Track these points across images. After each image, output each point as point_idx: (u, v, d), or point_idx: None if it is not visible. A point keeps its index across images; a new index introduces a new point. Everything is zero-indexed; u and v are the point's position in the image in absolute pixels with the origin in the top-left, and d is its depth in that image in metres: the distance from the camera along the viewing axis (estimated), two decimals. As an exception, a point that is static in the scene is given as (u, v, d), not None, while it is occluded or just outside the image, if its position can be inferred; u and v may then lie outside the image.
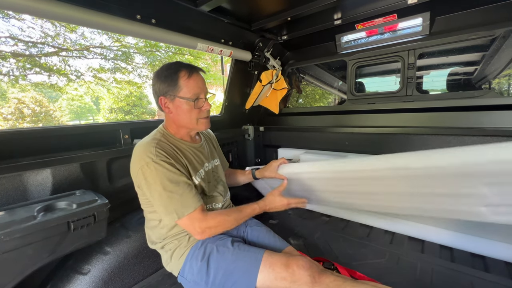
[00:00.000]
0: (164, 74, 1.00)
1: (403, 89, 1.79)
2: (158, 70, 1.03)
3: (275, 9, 1.63)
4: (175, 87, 0.99)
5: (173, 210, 0.92)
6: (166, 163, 0.94)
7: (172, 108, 1.03)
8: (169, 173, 0.93)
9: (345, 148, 2.02)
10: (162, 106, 1.03)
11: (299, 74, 2.65)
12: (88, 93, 14.86)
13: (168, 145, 1.01)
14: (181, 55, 10.73)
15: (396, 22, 1.70)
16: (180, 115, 1.03)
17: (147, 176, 0.93)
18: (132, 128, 1.54)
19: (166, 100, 1.01)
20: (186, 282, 1.02)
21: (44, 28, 7.99)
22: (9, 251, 0.86)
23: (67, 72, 9.09)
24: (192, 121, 1.05)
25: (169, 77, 0.99)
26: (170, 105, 1.02)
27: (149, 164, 0.92)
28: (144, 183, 0.94)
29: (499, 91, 1.70)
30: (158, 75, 1.01)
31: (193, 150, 1.12)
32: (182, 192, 0.93)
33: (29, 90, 11.62)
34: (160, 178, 0.92)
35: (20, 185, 1.11)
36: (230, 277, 0.92)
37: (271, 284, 0.88)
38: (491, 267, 1.28)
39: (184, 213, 0.93)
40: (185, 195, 0.94)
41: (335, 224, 1.85)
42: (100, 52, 9.58)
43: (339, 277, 0.87)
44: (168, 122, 1.10)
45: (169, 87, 0.99)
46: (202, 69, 1.07)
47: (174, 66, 1.01)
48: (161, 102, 1.02)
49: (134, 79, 11.51)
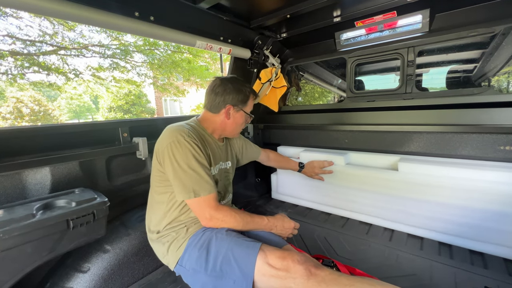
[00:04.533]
0: (239, 90, 1.20)
1: (403, 86, 1.79)
2: (230, 84, 1.19)
3: (274, 6, 1.62)
4: (245, 103, 1.23)
5: (191, 188, 1.00)
6: (195, 145, 1.04)
7: (232, 117, 1.22)
8: (196, 154, 1.03)
9: (345, 145, 2.02)
10: (225, 112, 1.19)
11: (298, 72, 2.64)
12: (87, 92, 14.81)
13: (198, 134, 1.13)
14: (180, 53, 10.68)
15: (396, 19, 1.69)
16: (233, 123, 1.24)
17: (175, 152, 1.01)
18: (131, 126, 1.53)
19: (233, 109, 1.20)
20: (185, 271, 1.03)
21: (42, 27, 7.94)
22: (8, 249, 0.86)
23: (66, 71, 9.05)
24: (238, 130, 1.30)
25: (242, 93, 1.21)
26: (232, 113, 1.21)
27: (180, 141, 1.02)
28: (169, 159, 1.02)
29: (499, 88, 1.69)
30: (233, 88, 1.19)
31: (217, 146, 1.26)
32: (204, 175, 1.02)
33: (28, 89, 11.58)
34: (187, 156, 1.01)
35: (19, 183, 1.11)
36: (228, 263, 0.93)
37: (267, 275, 0.88)
38: (490, 264, 1.29)
39: (201, 194, 1.00)
40: (206, 178, 1.03)
41: (335, 221, 1.85)
42: (99, 51, 9.53)
43: (335, 271, 0.87)
44: (209, 121, 1.23)
45: (241, 102, 1.21)
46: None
47: (248, 86, 1.25)
48: (226, 109, 1.19)
49: (133, 77, 11.48)
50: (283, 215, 1.22)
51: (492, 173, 1.32)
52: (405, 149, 1.74)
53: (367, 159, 1.87)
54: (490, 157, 1.45)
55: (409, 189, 1.55)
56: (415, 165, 1.54)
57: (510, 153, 1.40)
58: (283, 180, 2.25)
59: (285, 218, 1.21)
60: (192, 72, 11.35)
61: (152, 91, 17.57)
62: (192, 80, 12.19)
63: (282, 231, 1.19)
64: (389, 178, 1.62)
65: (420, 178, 1.51)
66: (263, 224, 1.13)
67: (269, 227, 1.15)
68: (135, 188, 1.58)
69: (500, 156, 1.42)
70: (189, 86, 13.99)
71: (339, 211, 1.94)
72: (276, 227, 1.17)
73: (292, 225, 1.21)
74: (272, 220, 1.16)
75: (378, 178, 1.65)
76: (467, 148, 1.51)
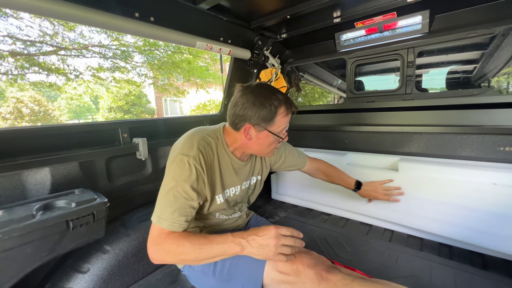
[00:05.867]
0: (262, 104, 0.89)
1: (403, 87, 1.79)
2: (253, 96, 0.90)
3: (274, 7, 1.63)
4: (270, 122, 0.92)
5: (160, 210, 0.85)
6: (197, 173, 0.88)
7: (254, 137, 0.95)
8: (187, 184, 0.86)
9: (345, 146, 2.02)
10: (244, 132, 0.94)
11: (298, 72, 2.64)
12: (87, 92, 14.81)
13: (212, 154, 0.96)
14: (180, 53, 10.68)
15: (396, 20, 1.70)
16: (258, 145, 0.97)
17: (174, 168, 0.88)
18: (131, 126, 1.53)
19: (253, 129, 0.93)
20: (193, 272, 1.02)
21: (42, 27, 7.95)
22: (8, 250, 0.86)
23: (66, 72, 9.05)
24: (266, 151, 1.02)
25: (267, 108, 0.89)
26: (253, 134, 0.94)
27: (183, 161, 0.87)
28: (167, 171, 0.90)
29: (498, 89, 1.70)
30: (254, 102, 0.89)
31: (234, 167, 1.05)
32: (178, 207, 0.85)
33: (28, 90, 11.58)
34: (181, 179, 0.86)
35: (19, 183, 1.11)
36: (237, 268, 0.92)
37: (276, 280, 0.87)
38: (490, 264, 1.29)
39: (163, 223, 0.83)
40: (177, 211, 0.85)
41: (335, 222, 1.85)
42: (99, 51, 9.54)
43: (347, 276, 0.84)
44: (232, 137, 1.00)
45: (264, 120, 0.91)
46: (295, 106, 1.00)
47: (275, 98, 0.91)
48: (245, 128, 0.93)
49: (133, 78, 11.48)
50: (275, 227, 0.80)
51: (492, 174, 1.32)
52: (405, 150, 1.74)
53: (367, 159, 1.87)
54: (490, 158, 1.45)
55: (409, 189, 1.55)
56: (415, 166, 1.54)
57: (510, 154, 1.40)
58: (283, 181, 2.25)
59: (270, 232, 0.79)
60: (192, 72, 11.36)
61: (152, 92, 17.56)
62: (192, 81, 12.20)
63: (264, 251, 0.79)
64: (389, 178, 1.62)
65: (420, 178, 1.51)
66: (228, 241, 0.80)
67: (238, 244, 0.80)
68: (135, 189, 1.58)
69: (500, 157, 1.42)
70: (189, 87, 14.00)
71: (339, 212, 1.94)
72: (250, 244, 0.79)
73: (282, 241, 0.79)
74: (245, 235, 0.81)
75: (378, 178, 1.65)
76: (467, 149, 1.52)
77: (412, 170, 1.54)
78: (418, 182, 1.51)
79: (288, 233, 0.81)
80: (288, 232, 0.81)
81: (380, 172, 1.67)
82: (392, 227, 1.68)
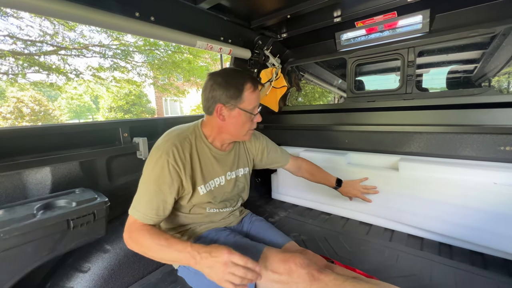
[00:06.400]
0: (228, 83, 0.96)
1: (403, 87, 1.79)
2: (219, 77, 0.97)
3: (275, 6, 1.63)
4: (238, 99, 0.97)
5: (135, 201, 0.93)
6: (169, 167, 0.92)
7: (227, 117, 0.99)
8: (160, 179, 0.91)
9: (345, 146, 2.02)
10: (217, 113, 0.98)
11: (298, 72, 2.64)
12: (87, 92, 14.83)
13: (190, 147, 1.00)
14: (180, 53, 10.68)
15: (396, 19, 1.69)
16: (232, 125, 1.01)
17: (148, 163, 0.94)
18: (131, 126, 1.54)
19: (224, 108, 0.97)
20: (188, 272, 1.03)
21: (43, 27, 7.95)
22: (8, 249, 0.86)
23: (66, 71, 9.06)
24: (242, 132, 1.05)
25: (233, 86, 0.96)
26: (226, 113, 0.98)
27: (161, 157, 0.92)
28: (145, 165, 0.96)
29: (499, 88, 1.69)
30: (220, 82, 0.96)
31: (215, 157, 1.08)
32: (149, 200, 0.90)
33: (28, 89, 11.59)
34: (153, 173, 0.91)
35: (19, 183, 1.11)
36: None
37: (269, 279, 0.87)
38: (490, 264, 1.29)
39: (135, 214, 0.90)
40: (149, 204, 0.90)
41: (335, 222, 1.85)
42: (99, 51, 9.54)
43: (339, 276, 0.85)
44: (209, 125, 1.05)
45: (232, 98, 0.96)
46: (261, 82, 1.05)
47: (240, 76, 0.98)
48: (217, 109, 0.98)
49: (134, 77, 11.49)
50: (228, 252, 0.75)
51: (492, 174, 1.32)
52: (405, 150, 1.74)
53: (367, 159, 1.87)
54: (490, 158, 1.45)
55: (409, 189, 1.55)
56: (415, 165, 1.54)
57: (510, 154, 1.40)
58: (283, 180, 2.25)
59: (221, 256, 0.75)
60: (193, 72, 11.36)
61: (152, 91, 17.59)
62: (192, 81, 12.21)
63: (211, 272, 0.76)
64: (389, 178, 1.62)
65: (421, 178, 1.51)
66: (185, 251, 0.80)
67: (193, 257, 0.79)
68: (135, 188, 1.57)
69: (500, 156, 1.42)
70: (190, 87, 14.00)
71: (339, 211, 1.94)
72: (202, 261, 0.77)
73: (231, 269, 0.74)
74: (201, 250, 0.79)
75: (378, 178, 1.65)
76: (468, 148, 1.51)
77: (413, 169, 1.54)
78: (419, 181, 1.51)
79: (241, 262, 0.74)
80: (241, 261, 0.74)
81: (380, 171, 1.67)
82: (392, 227, 1.68)
